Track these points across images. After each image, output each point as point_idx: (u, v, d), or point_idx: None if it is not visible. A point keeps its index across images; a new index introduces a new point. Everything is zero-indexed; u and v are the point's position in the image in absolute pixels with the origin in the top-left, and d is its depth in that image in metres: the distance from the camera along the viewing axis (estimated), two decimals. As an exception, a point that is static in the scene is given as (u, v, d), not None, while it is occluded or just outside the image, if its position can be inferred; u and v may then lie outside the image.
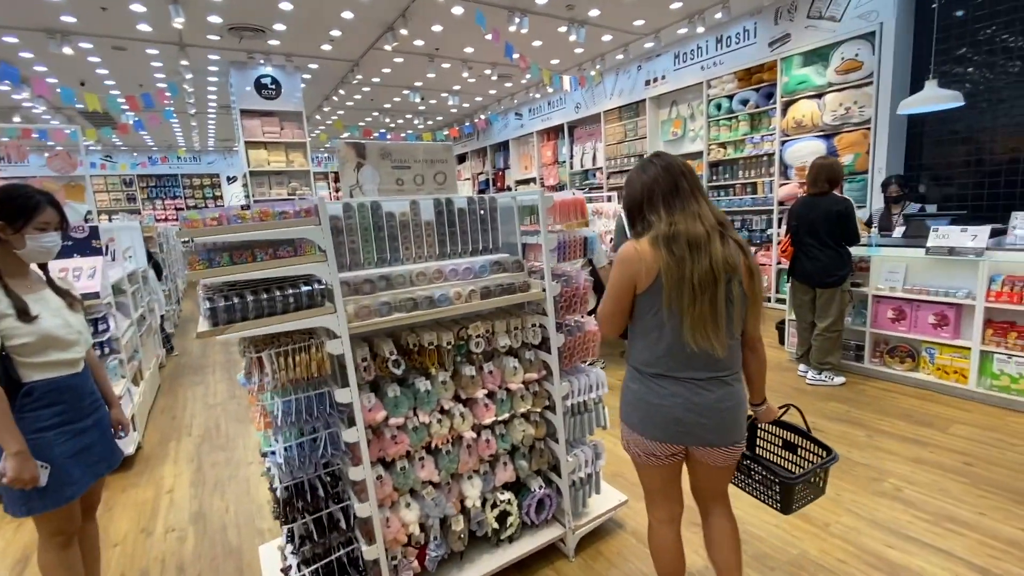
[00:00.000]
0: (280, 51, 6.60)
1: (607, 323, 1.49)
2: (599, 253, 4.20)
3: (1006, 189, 4.94)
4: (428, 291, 1.75)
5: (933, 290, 3.67)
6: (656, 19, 6.34)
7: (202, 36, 5.86)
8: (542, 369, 2.06)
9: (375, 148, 1.91)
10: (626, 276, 1.39)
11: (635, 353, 1.50)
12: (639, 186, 1.44)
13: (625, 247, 1.40)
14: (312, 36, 6.16)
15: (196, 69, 6.99)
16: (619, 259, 1.40)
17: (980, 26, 4.86)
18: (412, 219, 1.92)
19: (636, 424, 1.48)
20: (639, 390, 1.47)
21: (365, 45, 6.57)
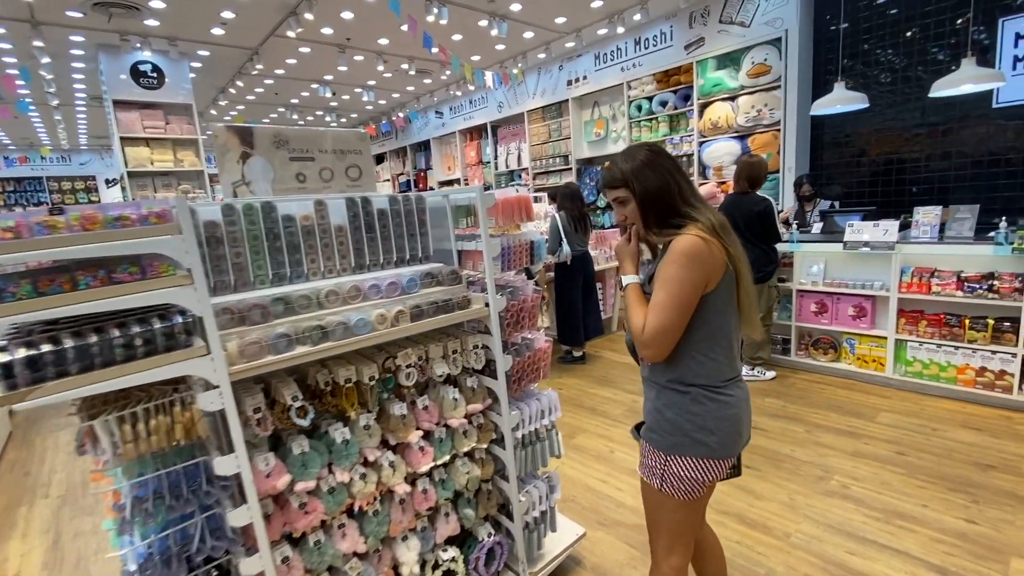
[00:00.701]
0: (161, 33, 5.75)
1: (666, 342, 1.20)
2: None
3: (896, 187, 5.36)
4: (343, 315, 1.38)
5: (851, 283, 3.82)
6: (577, 17, 6.26)
7: (59, 12, 4.92)
8: (487, 397, 1.76)
9: (267, 135, 1.51)
10: (701, 275, 1.17)
11: (696, 367, 1.25)
12: (665, 175, 1.25)
13: (692, 241, 1.17)
14: (199, 17, 5.40)
15: (56, 52, 5.90)
16: (690, 255, 1.16)
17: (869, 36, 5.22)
18: (319, 223, 1.54)
19: (716, 448, 1.25)
20: (714, 408, 1.24)
21: (265, 31, 5.89)
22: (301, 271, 1.52)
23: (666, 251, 1.22)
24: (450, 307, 1.56)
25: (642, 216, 1.27)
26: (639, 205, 1.27)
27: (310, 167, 1.61)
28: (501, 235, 1.78)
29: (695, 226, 1.20)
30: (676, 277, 1.17)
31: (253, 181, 1.50)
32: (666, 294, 1.17)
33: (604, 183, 1.33)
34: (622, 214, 1.32)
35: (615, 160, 1.31)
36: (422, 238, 1.79)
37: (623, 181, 1.27)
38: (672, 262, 1.17)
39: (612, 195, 1.31)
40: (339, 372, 1.43)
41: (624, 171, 1.27)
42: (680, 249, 1.17)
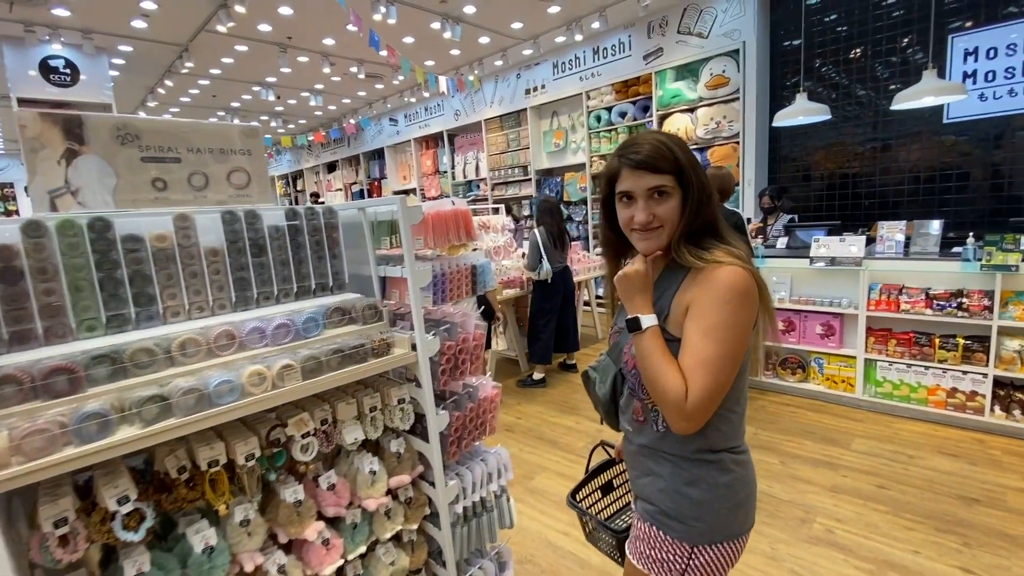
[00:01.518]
0: (73, 25, 5.13)
1: (713, 409, 0.91)
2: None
3: (852, 201, 5.35)
4: (199, 376, 0.99)
5: (818, 300, 3.66)
6: (534, 23, 6.04)
7: (-63, -8, 4.26)
8: (417, 464, 1.39)
9: (105, 126, 1.11)
10: (752, 319, 0.93)
11: (724, 426, 0.99)
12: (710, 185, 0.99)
13: (744, 276, 0.91)
14: (116, 8, 4.84)
15: (-60, 40, 5.18)
16: (745, 295, 0.90)
17: (823, 52, 5.21)
18: (181, 246, 1.14)
19: (746, 522, 1.03)
20: (742, 473, 1.02)
21: (193, 25, 5.36)
22: (153, 312, 1.12)
23: (691, 281, 0.94)
24: (362, 355, 1.19)
25: (685, 223, 0.96)
26: (686, 206, 0.95)
27: (174, 171, 1.21)
28: (435, 258, 1.42)
29: (730, 254, 0.94)
30: (730, 323, 0.88)
31: (82, 188, 1.09)
32: (719, 346, 0.88)
33: (643, 161, 0.94)
34: (649, 213, 0.95)
35: (660, 139, 0.96)
36: (333, 262, 1.41)
37: (676, 167, 0.94)
38: (723, 302, 0.89)
39: (651, 182, 0.94)
40: (200, 452, 1.03)
41: (679, 155, 0.94)
42: (733, 285, 0.89)
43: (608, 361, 1.12)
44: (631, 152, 0.97)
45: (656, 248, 0.98)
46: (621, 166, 0.98)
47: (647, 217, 0.96)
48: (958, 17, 4.44)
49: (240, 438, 1.08)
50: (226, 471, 1.07)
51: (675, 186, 0.95)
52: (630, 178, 0.97)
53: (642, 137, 0.98)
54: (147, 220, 1.10)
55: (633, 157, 0.96)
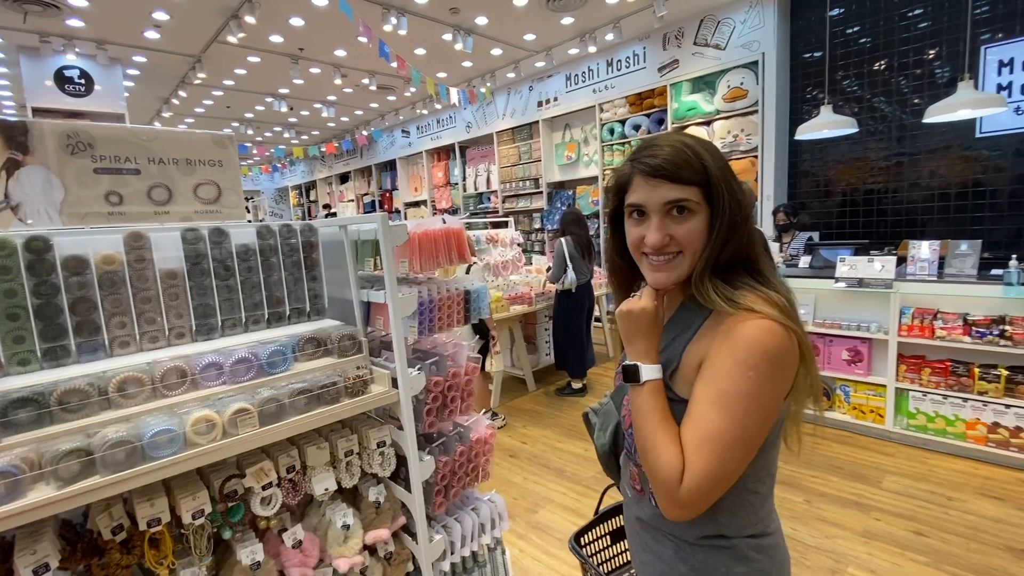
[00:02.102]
0: (87, 36, 5.15)
1: (716, 496, 0.72)
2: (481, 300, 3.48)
3: (877, 218, 5.12)
4: (132, 426, 0.85)
5: (845, 324, 3.45)
6: (547, 35, 5.95)
7: (-45, 3, 4.29)
8: (399, 515, 1.23)
9: (54, 134, 0.99)
10: (783, 388, 0.72)
11: (742, 509, 0.80)
12: (750, 204, 0.80)
13: (777, 333, 0.70)
14: (128, 18, 4.85)
15: (-41, 51, 5.25)
16: (775, 358, 0.69)
17: (846, 63, 5.03)
18: (134, 268, 1.01)
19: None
20: (765, 561, 0.82)
21: (205, 36, 5.36)
22: (98, 343, 0.98)
23: (711, 328, 0.75)
24: (332, 395, 1.04)
25: (711, 251, 0.75)
26: (715, 229, 0.75)
27: (132, 183, 1.09)
28: (426, 281, 1.28)
29: (767, 301, 0.73)
30: (751, 394, 0.68)
31: (25, 203, 0.97)
32: (731, 423, 0.68)
33: (660, 167, 0.75)
34: (664, 234, 0.76)
35: (685, 141, 0.77)
36: (312, 285, 1.27)
37: (703, 177, 0.74)
38: (746, 367, 0.69)
39: (668, 195, 0.75)
40: (141, 508, 0.88)
41: (708, 163, 0.75)
42: (762, 347, 0.69)
43: (611, 406, 0.96)
44: (646, 155, 0.77)
45: (670, 281, 0.79)
46: (633, 172, 0.79)
47: (661, 239, 0.76)
48: (989, 28, 4.24)
49: (188, 491, 0.93)
50: (172, 528, 0.92)
51: (701, 202, 0.75)
52: (643, 188, 0.77)
53: (662, 139, 0.78)
54: (95, 239, 0.97)
55: (649, 161, 0.76)
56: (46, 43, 5.08)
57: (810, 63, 5.30)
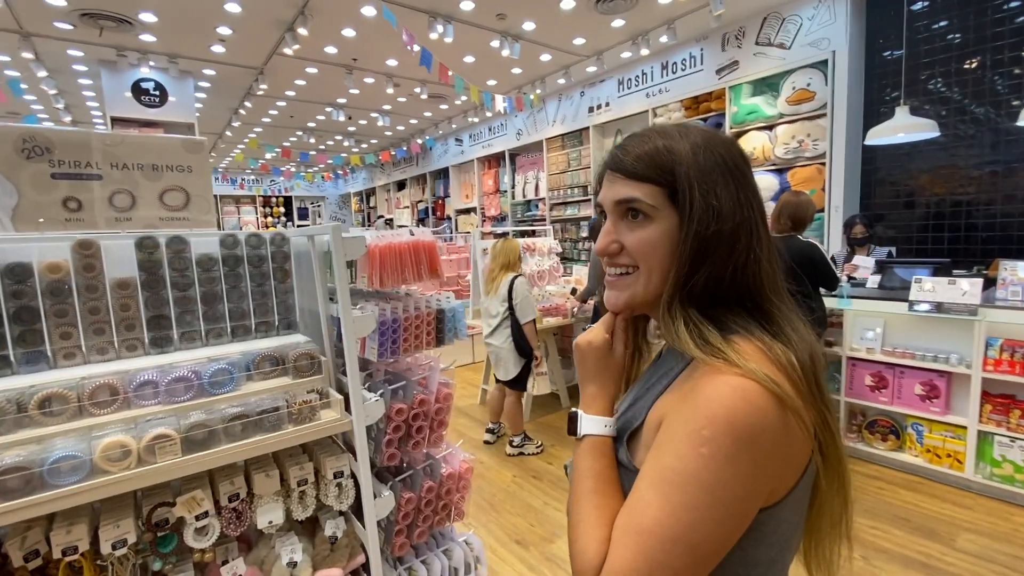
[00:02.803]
0: (159, 50, 5.55)
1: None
2: (524, 302, 3.34)
3: (964, 234, 4.52)
4: (30, 451, 0.79)
5: (919, 353, 3.02)
6: (597, 39, 5.77)
7: (47, 23, 4.74)
8: (358, 552, 1.12)
9: (9, 137, 0.97)
10: (758, 482, 0.52)
11: None
12: (745, 204, 0.60)
13: (753, 402, 0.50)
14: (196, 33, 5.17)
15: (55, 67, 5.81)
16: (735, 438, 0.50)
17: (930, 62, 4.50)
18: (82, 277, 0.97)
19: None
20: None
21: (265, 48, 5.63)
22: (39, 353, 0.95)
23: (686, 380, 0.57)
24: (274, 422, 0.95)
25: (676, 270, 0.59)
26: (684, 242, 0.58)
27: (92, 189, 1.05)
28: (402, 298, 1.17)
29: (763, 356, 0.54)
30: (699, 478, 0.50)
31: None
32: (669, 512, 0.50)
33: (616, 159, 0.63)
34: (611, 240, 0.63)
35: (664, 129, 0.63)
36: (283, 298, 1.20)
37: (666, 173, 0.59)
38: (697, 439, 0.50)
39: (619, 192, 0.61)
40: (53, 536, 0.82)
41: (681, 158, 0.59)
42: (725, 414, 0.50)
43: None
44: (615, 148, 0.65)
45: (621, 302, 0.63)
46: (603, 168, 0.66)
47: (606, 243, 0.62)
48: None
49: (113, 518, 0.87)
50: (88, 562, 0.86)
51: (661, 206, 0.59)
52: (605, 184, 0.65)
53: (638, 135, 0.64)
54: (41, 246, 0.94)
55: (613, 153, 0.64)
56: (123, 57, 5.51)
57: (888, 62, 4.80)
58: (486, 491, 3.05)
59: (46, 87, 5.94)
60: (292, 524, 1.14)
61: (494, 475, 3.24)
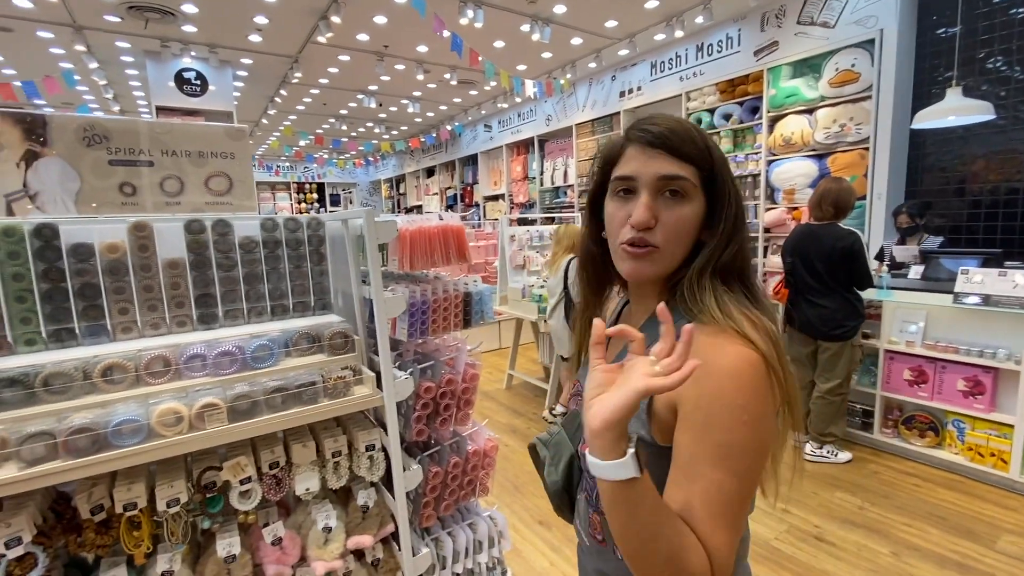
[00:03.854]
0: (200, 40, 5.73)
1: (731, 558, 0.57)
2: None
3: (1022, 222, 4.27)
4: (97, 414, 0.86)
5: (963, 348, 2.90)
6: (630, 21, 5.65)
7: (98, 17, 4.95)
8: (388, 521, 1.18)
9: (70, 126, 1.04)
10: (772, 427, 0.60)
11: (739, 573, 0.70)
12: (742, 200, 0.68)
13: (759, 368, 0.57)
14: (234, 23, 5.30)
15: (105, 59, 6.07)
16: (761, 395, 0.57)
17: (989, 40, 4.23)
18: (137, 257, 1.04)
19: None
20: None
21: (299, 37, 5.73)
22: (101, 327, 1.02)
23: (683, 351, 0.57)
24: (311, 395, 1.01)
25: (716, 245, 0.64)
26: (721, 219, 0.65)
27: (144, 175, 1.12)
28: (432, 281, 1.21)
29: (757, 327, 0.59)
30: (752, 442, 0.56)
31: (42, 193, 1.03)
32: (740, 479, 0.56)
33: (661, 136, 0.63)
34: (651, 213, 0.63)
35: (690, 121, 0.69)
36: (319, 279, 1.25)
37: (706, 159, 0.64)
38: (738, 409, 0.55)
39: (665, 168, 0.63)
40: (116, 493, 0.90)
41: (711, 146, 0.66)
42: (750, 386, 0.56)
43: (563, 436, 0.80)
44: (646, 124, 0.66)
45: (645, 275, 0.66)
46: (627, 143, 0.67)
47: (648, 217, 0.62)
48: None
49: (167, 479, 0.94)
50: (145, 517, 0.94)
51: (697, 186, 0.64)
52: (638, 159, 0.65)
53: (661, 115, 0.68)
54: (100, 228, 1.01)
55: (650, 129, 0.65)
56: (166, 48, 5.70)
57: (940, 40, 4.54)
58: (511, 473, 3.11)
59: (96, 78, 6.21)
60: (327, 493, 1.21)
61: (520, 458, 3.30)
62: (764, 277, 5.94)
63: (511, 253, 4.54)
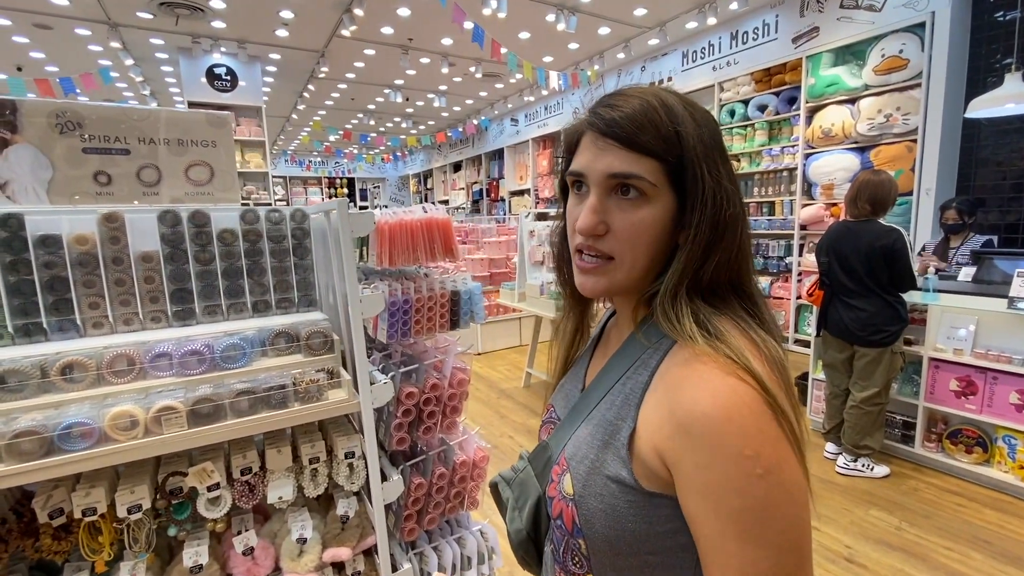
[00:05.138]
0: (229, 36, 5.81)
1: None
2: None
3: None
4: (47, 415, 0.81)
5: (1018, 358, 2.65)
6: (660, 8, 5.44)
7: (131, 13, 5.07)
8: (369, 532, 1.11)
9: (43, 112, 1.00)
10: (796, 472, 0.47)
11: None
12: (739, 188, 0.55)
13: (745, 393, 0.46)
14: (261, 18, 5.36)
15: (140, 56, 6.24)
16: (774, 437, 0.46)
17: (1064, 15, 3.86)
18: (108, 250, 0.99)
19: None
20: None
21: (325, 31, 5.75)
22: (70, 322, 0.98)
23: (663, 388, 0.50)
24: (280, 399, 0.94)
25: (687, 258, 0.52)
26: (693, 225, 0.52)
27: (121, 164, 1.08)
28: (420, 278, 1.13)
29: (756, 351, 0.49)
30: (779, 497, 0.45)
31: (12, 181, 0.99)
32: (775, 549, 0.44)
33: (614, 124, 0.51)
34: (599, 220, 0.53)
35: (661, 96, 0.54)
36: (302, 275, 1.19)
37: (673, 148, 0.51)
38: (751, 464, 0.44)
39: (615, 165, 0.52)
40: (74, 497, 0.86)
41: (686, 131, 0.51)
42: (755, 429, 0.45)
43: (528, 474, 0.66)
44: (604, 105, 0.54)
45: (598, 290, 0.56)
46: (587, 127, 0.56)
47: (593, 223, 0.53)
48: None
49: (130, 484, 0.89)
50: (106, 523, 0.89)
51: (661, 185, 0.52)
52: (589, 150, 0.54)
53: (633, 89, 0.55)
54: (70, 219, 0.97)
55: (603, 113, 0.53)
56: (197, 43, 5.81)
57: (998, 24, 4.19)
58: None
59: (134, 75, 6.40)
60: (307, 501, 1.15)
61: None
62: (800, 277, 5.67)
63: (530, 249, 4.44)
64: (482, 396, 4.32)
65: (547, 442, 0.64)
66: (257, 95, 6.65)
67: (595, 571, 0.54)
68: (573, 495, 0.54)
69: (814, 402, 3.52)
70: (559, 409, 0.67)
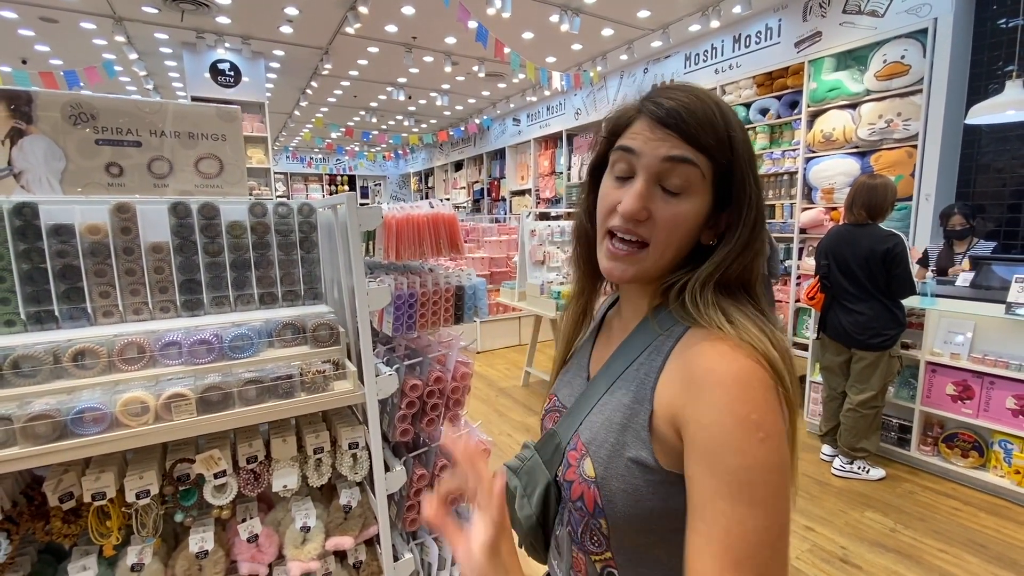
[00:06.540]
0: (234, 32, 5.82)
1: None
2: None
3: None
4: (60, 400, 0.83)
5: (1015, 363, 2.67)
6: (664, 10, 5.46)
7: (136, 8, 5.08)
8: (372, 522, 1.13)
9: (56, 103, 1.02)
10: (787, 452, 0.51)
11: None
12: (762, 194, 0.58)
13: (759, 370, 0.49)
14: (266, 14, 5.37)
15: (144, 50, 6.25)
16: (776, 408, 0.49)
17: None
18: (119, 240, 1.01)
19: None
20: None
21: (329, 28, 5.76)
22: (81, 310, 1.00)
23: (679, 367, 0.53)
24: (287, 389, 0.96)
25: (725, 255, 0.56)
26: (730, 225, 0.56)
27: (132, 155, 1.09)
28: (427, 272, 1.15)
29: (769, 338, 0.52)
30: (775, 461, 0.47)
31: (27, 171, 1.01)
32: (766, 510, 0.46)
33: (674, 113, 0.53)
34: (644, 207, 0.54)
35: (715, 99, 0.57)
36: (308, 268, 1.21)
37: (725, 148, 0.54)
38: (751, 424, 0.47)
39: (673, 150, 0.54)
40: (84, 481, 0.87)
41: (736, 134, 0.55)
42: (762, 398, 0.48)
43: (536, 462, 0.67)
44: (662, 95, 0.56)
45: (626, 278, 0.58)
46: (638, 114, 0.57)
47: (638, 208, 0.54)
48: None
49: (139, 469, 0.91)
50: (115, 507, 0.91)
51: (706, 180, 0.55)
52: (644, 134, 0.55)
53: (686, 86, 0.57)
54: (82, 208, 0.99)
55: (663, 103, 0.55)
56: (201, 39, 5.82)
57: (1000, 31, 4.21)
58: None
59: (137, 69, 6.41)
60: (311, 491, 1.16)
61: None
62: (799, 280, 5.69)
63: (531, 248, 4.46)
64: (481, 394, 4.33)
65: (555, 430, 0.66)
66: (260, 91, 6.66)
67: (613, 549, 0.57)
68: (595, 477, 0.57)
69: (811, 404, 3.54)
70: (563, 398, 0.69)
